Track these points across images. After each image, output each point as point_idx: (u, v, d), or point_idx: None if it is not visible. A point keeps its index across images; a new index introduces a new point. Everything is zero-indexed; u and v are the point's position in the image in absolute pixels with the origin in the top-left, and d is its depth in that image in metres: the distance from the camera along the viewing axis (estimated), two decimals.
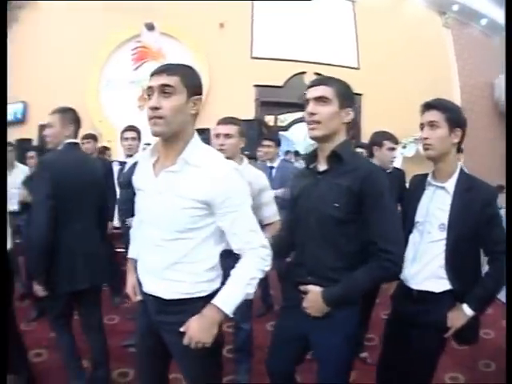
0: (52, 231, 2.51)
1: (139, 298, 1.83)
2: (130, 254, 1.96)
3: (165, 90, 1.47)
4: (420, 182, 2.09)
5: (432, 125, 1.92)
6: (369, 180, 1.67)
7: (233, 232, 1.60)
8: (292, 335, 1.92)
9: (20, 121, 8.66)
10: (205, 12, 7.85)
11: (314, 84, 1.80)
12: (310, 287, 1.77)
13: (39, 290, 2.59)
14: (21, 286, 4.02)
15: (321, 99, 1.74)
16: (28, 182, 3.85)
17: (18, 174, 4.68)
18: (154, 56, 7.97)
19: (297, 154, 8.89)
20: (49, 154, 2.78)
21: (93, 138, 4.99)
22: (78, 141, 2.80)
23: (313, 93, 1.76)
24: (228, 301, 1.58)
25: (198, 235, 1.59)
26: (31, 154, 4.75)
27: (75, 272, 2.54)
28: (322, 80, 1.82)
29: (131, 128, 4.08)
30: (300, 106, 4.54)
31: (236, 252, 1.66)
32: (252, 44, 8.14)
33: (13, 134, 7.05)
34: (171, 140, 1.55)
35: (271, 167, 4.59)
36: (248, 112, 7.89)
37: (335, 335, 1.76)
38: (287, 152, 8.63)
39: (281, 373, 2.06)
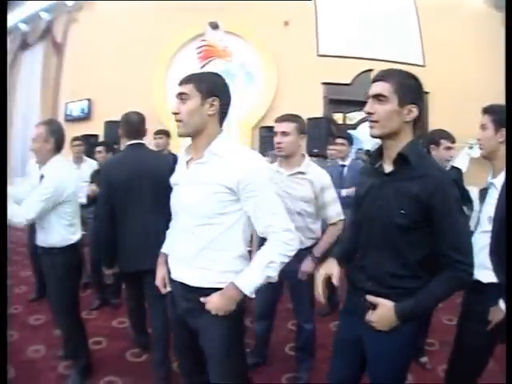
0: (109, 224, 2.83)
1: (168, 289, 1.99)
2: (163, 249, 2.10)
3: (181, 97, 1.76)
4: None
5: (482, 127, 2.15)
6: (440, 190, 1.59)
7: (256, 216, 1.73)
8: (349, 340, 1.89)
9: (85, 117, 9.10)
10: (268, 10, 7.84)
11: (374, 80, 1.72)
12: (381, 301, 1.68)
13: (108, 272, 3.09)
14: (85, 276, 4.23)
15: (378, 97, 1.65)
16: (95, 176, 4.13)
17: (86, 168, 4.94)
18: (219, 54, 8.05)
19: (368, 152, 8.63)
20: (112, 156, 3.14)
21: (165, 133, 5.19)
22: (142, 141, 3.02)
23: (371, 90, 1.68)
24: (247, 282, 1.70)
25: (225, 221, 1.73)
26: (99, 148, 4.89)
27: (139, 255, 2.76)
28: (380, 75, 1.71)
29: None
30: None
31: (261, 236, 1.81)
32: (318, 42, 8.04)
33: (79, 130, 7.58)
34: (195, 138, 1.79)
35: (343, 165, 4.56)
36: (316, 110, 7.83)
37: (391, 340, 1.70)
38: (358, 150, 8.46)
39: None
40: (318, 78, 8.06)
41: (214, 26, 7.99)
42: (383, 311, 1.67)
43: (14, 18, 10.53)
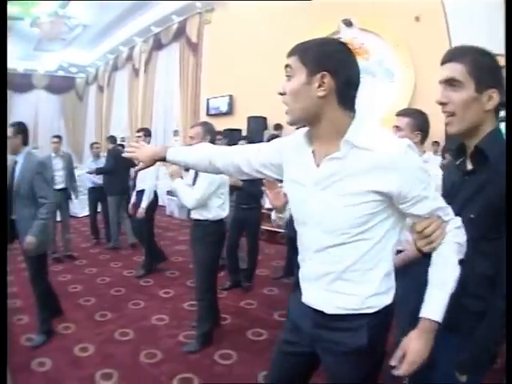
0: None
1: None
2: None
3: (287, 73, 1.36)
4: None
5: None
6: None
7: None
8: None
9: (227, 113, 9.87)
10: (398, 5, 7.76)
11: (442, 61, 1.42)
12: None
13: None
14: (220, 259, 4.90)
15: (450, 82, 1.39)
16: None
17: None
18: (357, 52, 7.78)
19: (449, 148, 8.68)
20: None
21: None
22: None
23: (441, 73, 1.40)
24: (439, 306, 1.31)
25: (372, 235, 1.34)
26: (242, 142, 5.15)
27: None
28: (451, 54, 1.41)
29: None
30: None
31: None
32: (450, 37, 7.75)
33: (222, 125, 8.27)
34: (314, 126, 1.37)
35: None
36: None
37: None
38: None
39: None
40: None
41: (348, 24, 8.12)
42: None
43: (145, 20, 11.98)
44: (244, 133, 8.36)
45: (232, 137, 7.32)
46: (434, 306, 1.31)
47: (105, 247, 6.89)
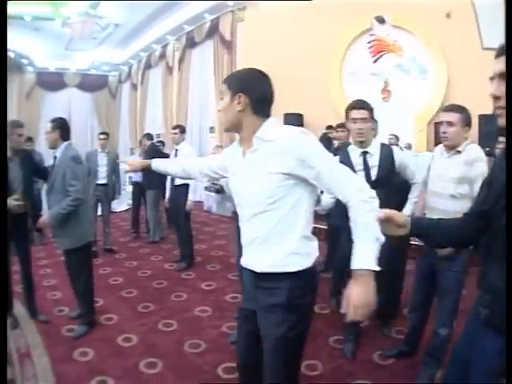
0: None
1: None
2: None
3: (221, 97, 1.89)
4: None
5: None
6: None
7: (332, 186, 1.69)
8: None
9: None
10: (429, 2, 7.82)
11: (497, 54, 1.37)
12: None
13: None
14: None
15: (504, 76, 1.32)
16: None
17: None
18: (390, 49, 8.34)
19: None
20: None
21: (344, 126, 5.46)
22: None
23: (495, 67, 1.37)
24: (369, 257, 1.58)
25: (282, 205, 1.72)
26: None
27: None
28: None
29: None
30: None
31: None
32: (480, 34, 7.69)
33: None
34: (238, 132, 1.88)
35: None
36: (487, 106, 7.22)
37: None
38: None
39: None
40: (485, 72, 7.51)
41: (381, 20, 8.27)
42: None
43: (177, 19, 12.38)
44: None
45: None
46: (359, 256, 1.60)
47: (145, 241, 7.11)
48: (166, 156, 6.66)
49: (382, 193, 2.05)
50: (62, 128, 3.86)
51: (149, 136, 7.86)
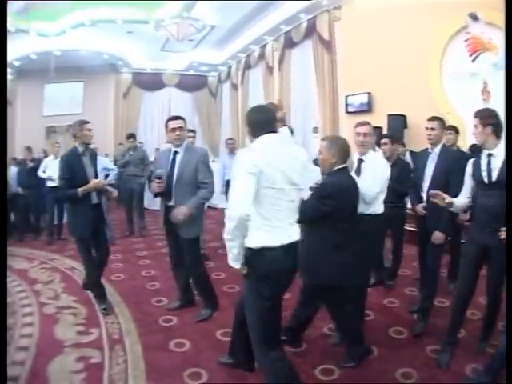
0: None
1: None
2: None
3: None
4: None
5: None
6: None
7: None
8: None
9: (367, 110, 10.26)
10: None
11: None
12: None
13: None
14: None
15: None
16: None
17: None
18: (486, 47, 8.27)
19: None
20: None
21: (453, 128, 5.66)
22: None
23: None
24: None
25: None
26: (385, 140, 5.37)
27: None
28: None
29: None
30: None
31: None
32: None
33: None
34: None
35: None
36: None
37: None
38: None
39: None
40: None
41: (474, 18, 8.24)
42: None
43: (274, 19, 13.08)
44: (384, 131, 8.69)
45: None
46: None
47: None
48: None
49: (500, 193, 3.02)
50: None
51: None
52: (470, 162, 3.58)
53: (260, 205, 2.57)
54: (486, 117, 3.31)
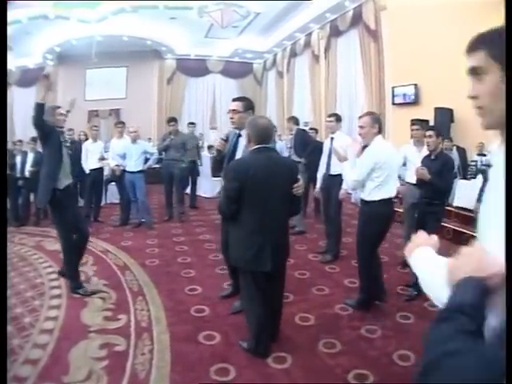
0: None
1: None
2: None
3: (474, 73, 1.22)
4: None
5: None
6: None
7: None
8: None
9: (413, 102, 10.39)
10: None
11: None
12: None
13: None
14: None
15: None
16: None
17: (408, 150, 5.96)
18: None
19: None
20: None
21: None
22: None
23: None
24: None
25: None
26: (430, 133, 5.12)
27: None
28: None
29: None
30: None
31: None
32: None
33: (408, 115, 9.18)
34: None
35: None
36: None
37: None
38: None
39: None
40: None
41: None
42: None
43: (319, 7, 13.34)
44: (431, 123, 8.59)
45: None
46: None
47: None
48: (320, 144, 7.05)
49: None
50: (253, 109, 4.14)
51: (294, 120, 8.24)
52: None
53: None
54: None
